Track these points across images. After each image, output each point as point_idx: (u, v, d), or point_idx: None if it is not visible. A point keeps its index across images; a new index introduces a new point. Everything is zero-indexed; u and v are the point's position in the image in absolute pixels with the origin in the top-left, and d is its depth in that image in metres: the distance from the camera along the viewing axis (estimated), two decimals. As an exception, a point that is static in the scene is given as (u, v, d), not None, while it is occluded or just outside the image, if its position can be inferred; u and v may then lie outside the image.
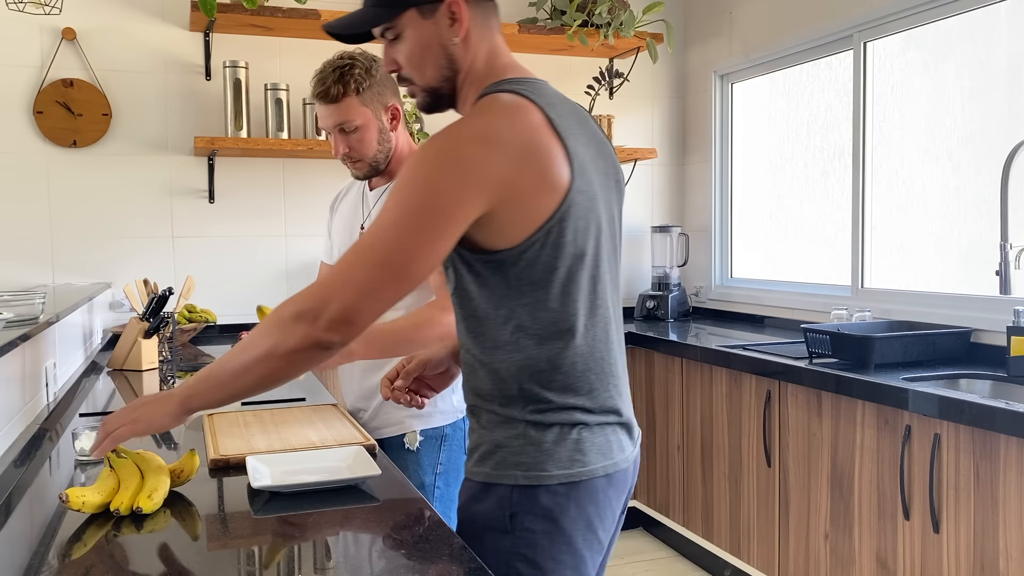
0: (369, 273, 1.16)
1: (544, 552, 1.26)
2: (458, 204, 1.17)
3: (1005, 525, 2.08)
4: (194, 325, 3.38)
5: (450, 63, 1.32)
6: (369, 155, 1.98)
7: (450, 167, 1.18)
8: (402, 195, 1.18)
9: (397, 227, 1.17)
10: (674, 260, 4.18)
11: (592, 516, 1.29)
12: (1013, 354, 2.49)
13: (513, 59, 1.37)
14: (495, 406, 1.31)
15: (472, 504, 1.31)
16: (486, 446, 1.31)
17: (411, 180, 1.19)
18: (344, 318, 1.16)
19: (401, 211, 1.17)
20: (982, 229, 2.88)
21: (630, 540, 3.70)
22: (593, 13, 3.83)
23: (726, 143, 4.15)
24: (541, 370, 1.27)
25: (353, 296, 1.16)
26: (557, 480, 1.26)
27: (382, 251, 1.17)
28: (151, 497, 1.33)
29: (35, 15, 3.31)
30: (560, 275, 1.25)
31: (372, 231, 1.19)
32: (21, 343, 1.59)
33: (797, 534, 2.78)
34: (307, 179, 3.74)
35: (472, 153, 1.18)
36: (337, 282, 1.17)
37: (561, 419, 1.28)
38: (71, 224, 3.43)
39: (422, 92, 1.36)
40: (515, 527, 1.26)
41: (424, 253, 1.17)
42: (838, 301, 3.38)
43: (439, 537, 1.21)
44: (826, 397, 2.62)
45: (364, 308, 1.17)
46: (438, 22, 1.30)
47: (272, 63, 3.67)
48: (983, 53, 2.86)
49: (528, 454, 1.27)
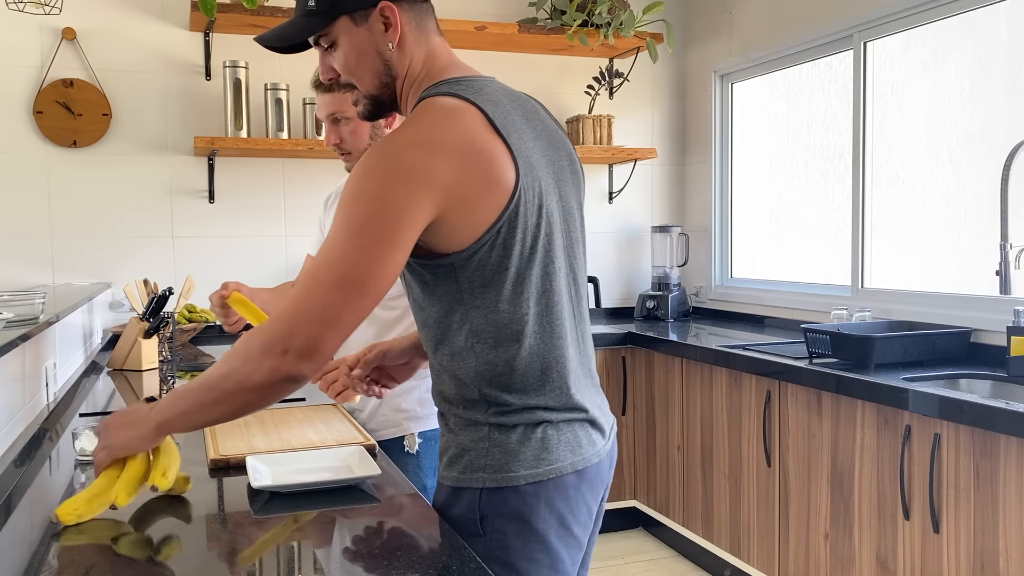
0: (327, 296, 1.15)
1: (518, 553, 1.26)
2: (406, 212, 1.15)
3: (1005, 525, 2.08)
4: (194, 325, 3.38)
5: (387, 69, 1.31)
6: (360, 149, 1.96)
7: (393, 175, 1.16)
8: (348, 210, 1.17)
9: (348, 244, 1.15)
10: (674, 260, 4.18)
11: (564, 513, 1.28)
12: (1013, 354, 2.48)
13: (454, 58, 1.35)
14: (459, 410, 1.31)
15: (445, 510, 1.31)
16: (453, 450, 1.31)
17: (356, 194, 1.17)
18: (310, 349, 1.15)
19: (350, 227, 1.15)
20: (982, 229, 2.88)
21: (630, 540, 3.70)
22: (593, 13, 3.83)
23: (726, 143, 4.15)
24: (499, 373, 1.27)
25: (316, 326, 1.15)
26: (524, 480, 1.25)
27: (337, 271, 1.15)
28: (165, 475, 1.31)
29: (35, 15, 3.31)
30: (510, 275, 1.24)
31: (324, 252, 1.17)
32: (21, 343, 1.59)
33: (797, 534, 2.78)
34: (307, 179, 3.74)
35: (413, 159, 1.16)
36: (299, 311, 1.16)
37: (524, 419, 1.27)
38: (71, 224, 3.43)
39: (363, 100, 1.35)
40: (486, 530, 1.26)
41: (380, 266, 1.15)
42: (838, 301, 3.38)
43: (439, 537, 1.21)
44: (826, 397, 2.62)
45: (328, 335, 1.15)
46: (371, 28, 1.29)
47: (272, 63, 3.67)
48: (983, 53, 2.86)
49: (493, 456, 1.26)
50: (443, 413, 1.36)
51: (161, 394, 2.36)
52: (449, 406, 1.33)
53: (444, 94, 1.24)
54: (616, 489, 3.75)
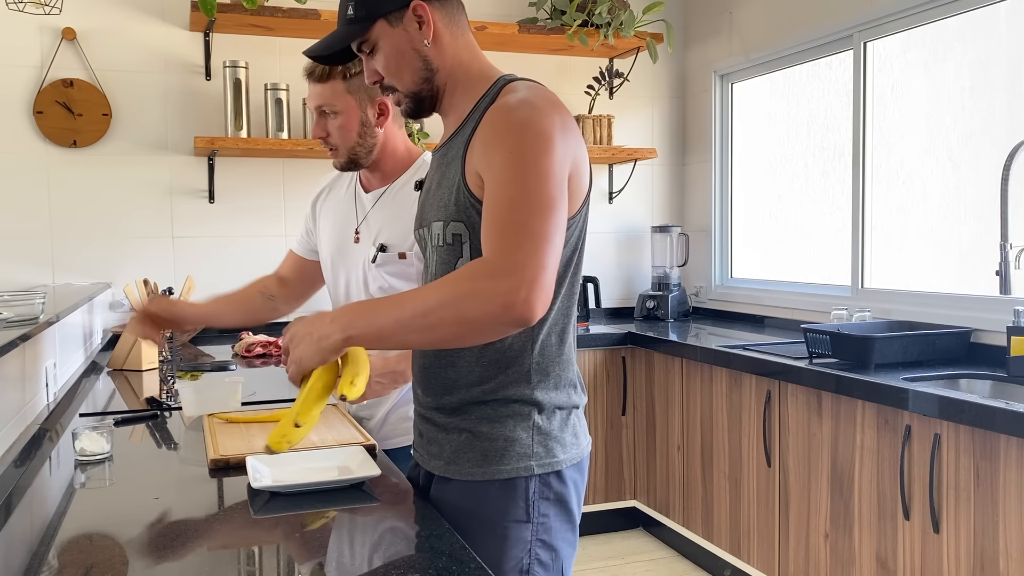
0: (537, 222, 1.17)
1: (557, 534, 1.39)
2: (565, 154, 1.24)
3: (1005, 525, 2.08)
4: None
5: (426, 64, 1.37)
6: (347, 145, 1.90)
7: (549, 120, 1.24)
8: (519, 144, 1.21)
9: (537, 173, 1.20)
10: (674, 260, 4.18)
11: (582, 492, 1.43)
12: (1013, 354, 2.49)
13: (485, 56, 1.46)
14: (497, 402, 1.35)
15: (480, 505, 1.35)
16: (487, 443, 1.35)
17: (520, 131, 1.22)
18: (539, 281, 1.15)
19: (531, 156, 1.20)
20: (982, 229, 2.88)
21: (630, 540, 3.70)
22: (593, 13, 3.83)
23: (726, 143, 4.15)
24: (550, 361, 1.36)
25: (540, 253, 1.16)
26: (565, 464, 1.36)
27: (537, 198, 1.18)
28: (354, 383, 1.28)
29: (35, 15, 3.31)
30: (574, 261, 1.36)
31: (511, 186, 1.20)
32: (21, 343, 1.59)
33: (797, 534, 2.78)
34: (307, 179, 3.74)
35: (556, 113, 1.26)
36: (516, 245, 1.16)
37: (563, 403, 1.38)
38: (71, 224, 3.43)
39: (405, 98, 1.41)
40: (532, 516, 1.35)
41: (563, 192, 1.22)
42: (838, 301, 3.38)
43: (439, 537, 1.21)
44: (826, 397, 2.62)
45: (550, 259, 1.17)
46: (407, 28, 1.36)
47: (272, 63, 3.67)
48: (983, 53, 2.86)
49: (540, 443, 1.35)
50: (456, 411, 1.37)
51: (161, 394, 2.36)
52: (478, 399, 1.37)
53: (528, 80, 1.37)
54: (616, 489, 3.75)
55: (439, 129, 3.91)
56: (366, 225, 1.97)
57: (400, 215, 1.93)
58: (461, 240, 1.32)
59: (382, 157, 1.95)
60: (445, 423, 1.39)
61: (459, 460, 1.36)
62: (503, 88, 1.34)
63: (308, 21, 3.45)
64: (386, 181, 1.98)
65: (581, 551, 3.57)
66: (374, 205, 1.98)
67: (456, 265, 1.34)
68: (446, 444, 1.39)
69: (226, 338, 3.54)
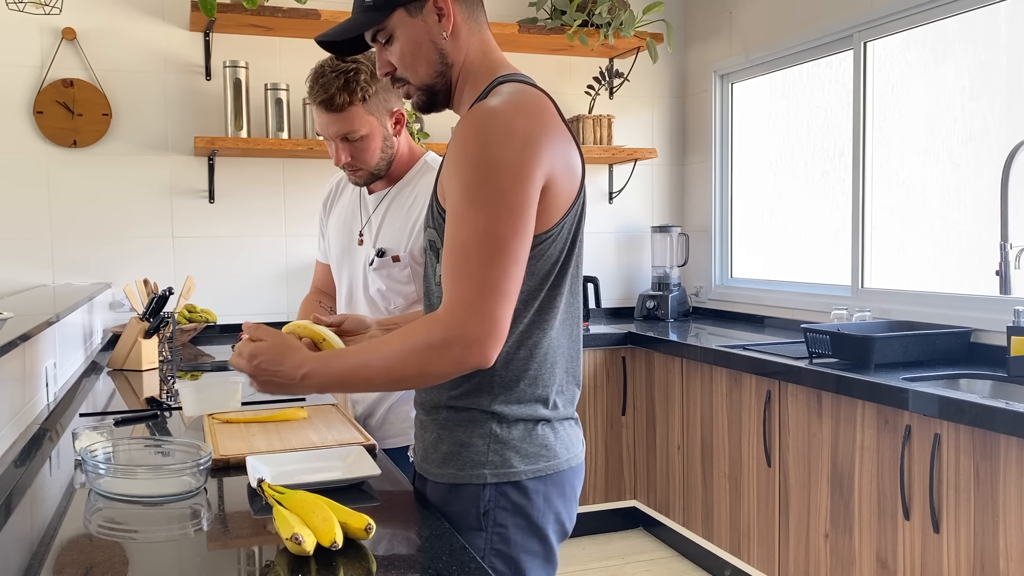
0: (488, 273, 1.16)
1: (517, 546, 1.32)
2: (530, 176, 1.19)
3: (1005, 525, 2.08)
4: (194, 325, 3.38)
5: (442, 58, 1.34)
6: (372, 164, 1.89)
7: (510, 140, 1.19)
8: (473, 180, 1.18)
9: (487, 217, 1.17)
10: (674, 260, 4.18)
11: (560, 508, 1.36)
12: (1013, 354, 2.48)
13: (502, 54, 1.40)
14: (457, 406, 1.33)
15: (442, 506, 1.34)
16: (447, 447, 1.33)
17: (476, 163, 1.19)
18: (492, 330, 1.17)
19: (483, 199, 1.17)
20: (982, 229, 2.88)
21: (630, 540, 3.70)
22: (593, 13, 3.83)
23: (726, 143, 4.15)
24: (517, 368, 1.30)
25: (489, 304, 1.16)
26: (526, 476, 1.30)
27: (487, 247, 1.16)
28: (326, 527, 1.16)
29: (35, 15, 3.31)
30: (559, 268, 1.30)
31: (462, 229, 1.18)
32: (21, 343, 1.59)
33: (797, 534, 2.78)
34: (307, 179, 3.74)
35: (522, 125, 1.21)
36: (467, 298, 1.16)
37: (526, 414, 1.32)
38: (71, 224, 3.43)
39: (418, 91, 1.37)
40: (487, 524, 1.30)
41: (523, 230, 1.19)
42: (838, 301, 3.38)
43: (439, 537, 1.21)
44: (826, 397, 2.62)
45: (503, 310, 1.17)
46: (426, 19, 1.32)
47: (272, 63, 3.67)
48: (983, 53, 2.86)
49: (495, 451, 1.30)
50: (431, 409, 1.37)
51: (161, 395, 2.36)
52: (443, 400, 1.34)
53: (519, 81, 1.30)
54: (616, 489, 3.75)
55: (439, 129, 3.92)
56: (369, 227, 1.98)
57: (399, 217, 1.94)
58: (435, 247, 1.33)
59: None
60: (424, 420, 1.40)
61: (428, 459, 1.37)
62: (491, 91, 1.30)
63: (308, 21, 3.45)
64: (390, 183, 1.99)
65: (581, 551, 3.57)
66: (376, 207, 1.99)
67: (431, 271, 1.35)
68: (421, 441, 1.41)
69: (226, 338, 3.54)
